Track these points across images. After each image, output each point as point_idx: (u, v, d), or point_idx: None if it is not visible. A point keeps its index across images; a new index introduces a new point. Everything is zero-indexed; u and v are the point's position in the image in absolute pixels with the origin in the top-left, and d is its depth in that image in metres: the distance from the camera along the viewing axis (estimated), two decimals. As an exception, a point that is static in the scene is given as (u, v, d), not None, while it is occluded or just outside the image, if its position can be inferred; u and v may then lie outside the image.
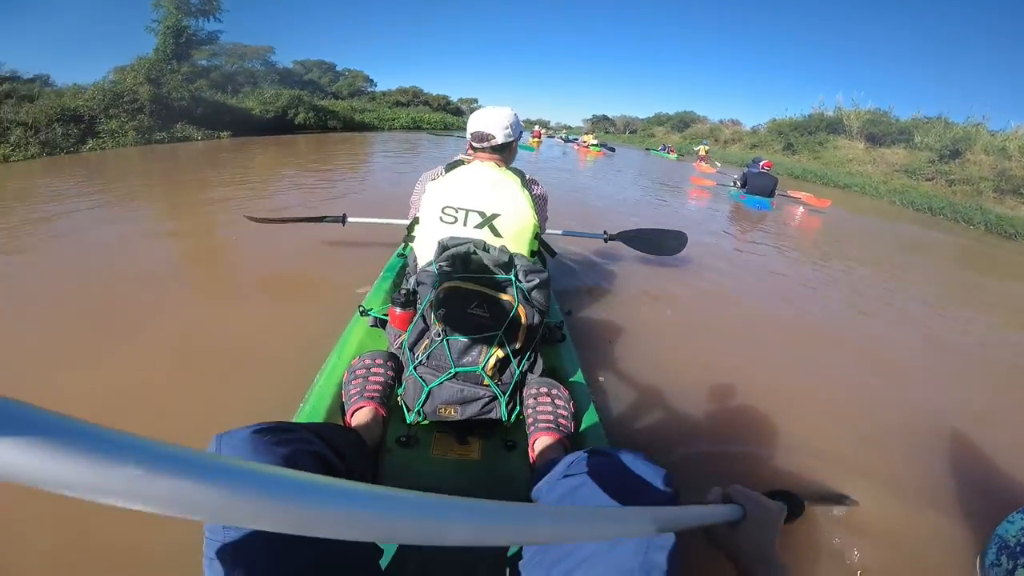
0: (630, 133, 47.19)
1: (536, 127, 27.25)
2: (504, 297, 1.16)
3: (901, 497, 1.53)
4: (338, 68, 37.16)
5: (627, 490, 0.64)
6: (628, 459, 0.69)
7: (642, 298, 2.98)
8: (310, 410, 1.16)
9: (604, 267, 3.43)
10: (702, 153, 19.60)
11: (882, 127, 22.39)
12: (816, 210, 8.34)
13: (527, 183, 1.45)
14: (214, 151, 9.41)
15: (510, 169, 1.47)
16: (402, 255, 2.17)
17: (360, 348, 1.43)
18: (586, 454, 0.74)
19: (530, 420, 1.12)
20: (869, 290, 3.95)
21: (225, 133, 12.69)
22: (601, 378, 1.94)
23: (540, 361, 1.25)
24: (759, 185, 7.90)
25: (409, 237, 1.57)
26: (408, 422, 1.14)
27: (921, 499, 1.55)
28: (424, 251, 1.39)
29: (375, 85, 38.44)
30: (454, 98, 50.33)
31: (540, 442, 1.08)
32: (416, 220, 1.47)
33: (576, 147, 21.49)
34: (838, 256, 5.11)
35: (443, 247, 1.26)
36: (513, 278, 1.19)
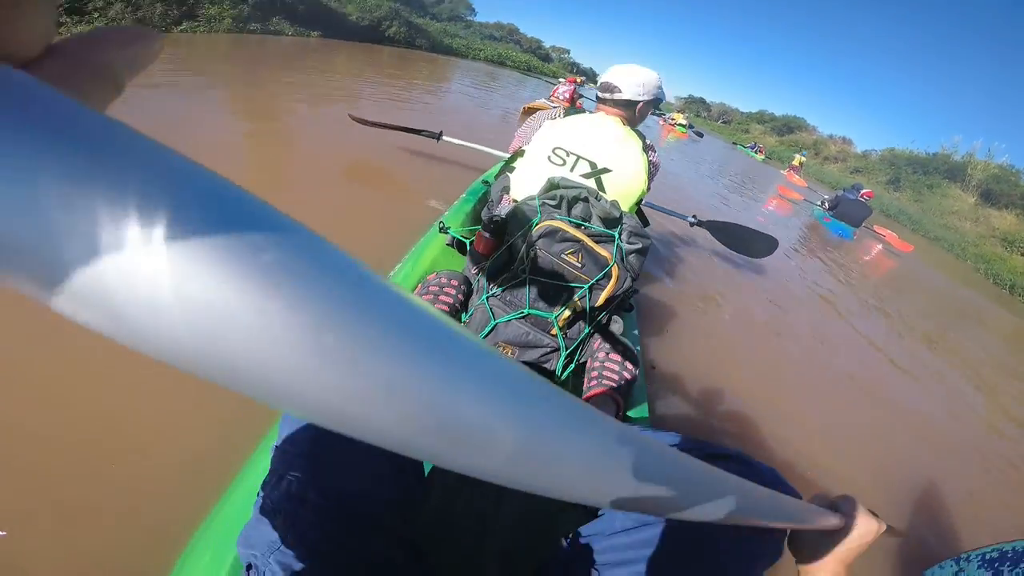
0: (723, 123, 45.29)
1: None
2: (603, 252, 1.10)
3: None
4: None
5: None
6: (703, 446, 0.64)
7: (703, 293, 2.91)
8: None
9: (676, 250, 3.38)
10: (796, 163, 18.19)
11: (1005, 186, 20.66)
12: (895, 252, 8.07)
13: (647, 147, 1.42)
14: (300, 50, 9.30)
15: (634, 130, 1.43)
16: (487, 182, 2.16)
17: (433, 264, 1.42)
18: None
19: (594, 374, 1.10)
20: (910, 345, 3.74)
21: (315, 33, 12.80)
22: (651, 359, 1.93)
23: (611, 325, 1.23)
24: (850, 212, 7.50)
25: (508, 167, 1.52)
26: None
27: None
28: (523, 185, 1.37)
29: (475, 14, 38.33)
30: (547, 44, 49.99)
31: (595, 402, 1.05)
32: (520, 152, 1.44)
33: (661, 122, 20.45)
34: (896, 304, 4.83)
35: (553, 184, 1.23)
36: (617, 235, 1.15)
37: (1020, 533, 1.24)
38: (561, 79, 13.05)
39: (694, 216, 2.95)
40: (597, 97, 1.47)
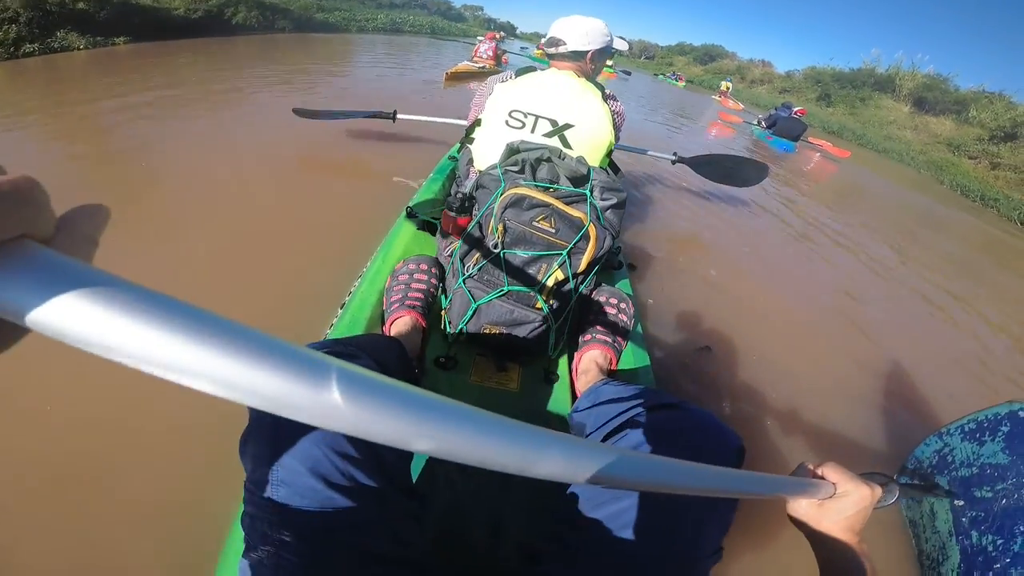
0: (647, 59, 46.47)
1: (542, 41, 26.63)
2: (575, 213, 1.09)
3: (851, 425, 1.86)
4: None
5: (690, 447, 0.66)
6: (696, 414, 0.71)
7: (686, 232, 3.18)
8: (350, 318, 1.17)
9: (650, 192, 3.59)
10: (723, 89, 20.38)
11: (936, 93, 22.43)
12: (833, 158, 9.46)
13: (607, 98, 1.44)
14: (99, 64, 6.83)
15: (591, 81, 1.45)
16: (453, 157, 2.17)
17: (406, 252, 1.42)
18: (639, 393, 0.78)
19: (587, 335, 1.15)
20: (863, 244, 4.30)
21: (121, 39, 10.08)
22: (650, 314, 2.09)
23: (600, 287, 1.26)
24: (788, 128, 8.61)
25: (468, 139, 1.54)
26: (449, 339, 1.15)
27: (859, 425, 1.87)
28: (484, 155, 1.38)
29: None
30: (456, 3, 49.36)
31: (589, 356, 1.11)
32: (478, 122, 1.46)
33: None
34: (851, 211, 5.50)
35: (512, 149, 1.24)
36: (588, 193, 1.16)
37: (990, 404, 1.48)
38: (480, 37, 12.87)
39: (674, 153, 3.08)
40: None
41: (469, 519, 0.87)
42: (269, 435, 0.54)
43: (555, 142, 1.33)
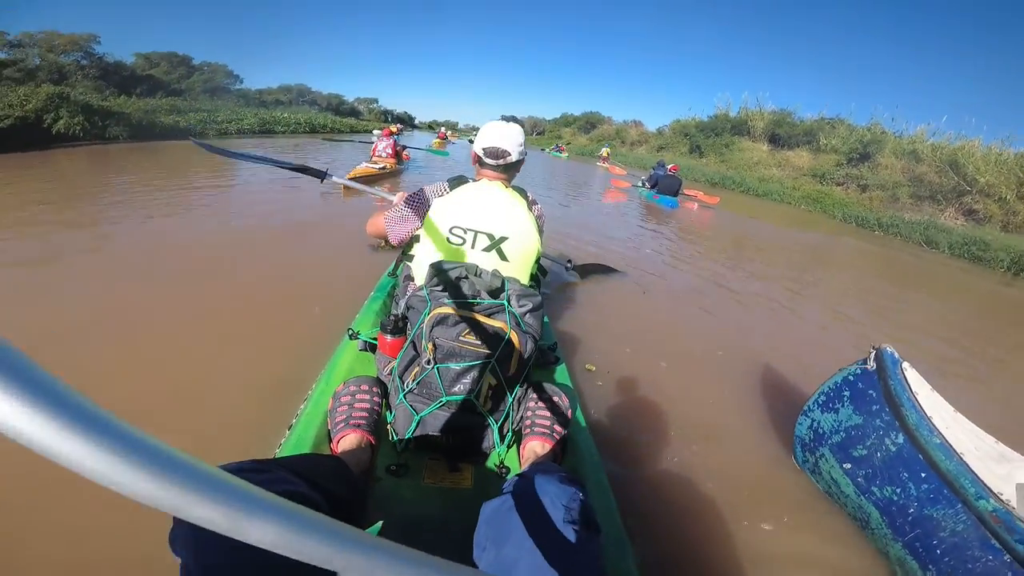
0: (538, 135, 50.49)
1: (442, 128, 27.95)
2: (496, 323, 1.27)
3: (734, 422, 2.37)
4: (195, 61, 34.20)
5: (539, 509, 0.82)
6: (541, 481, 0.87)
7: (614, 305, 3.71)
8: (296, 438, 1.28)
9: (569, 283, 4.05)
10: (604, 155, 23.45)
11: (786, 128, 25.89)
12: (707, 205, 11.41)
13: (531, 204, 1.66)
14: None
15: (515, 188, 1.67)
16: (393, 274, 2.35)
17: (350, 373, 1.53)
18: (517, 476, 0.92)
19: (528, 423, 1.29)
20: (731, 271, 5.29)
21: None
22: (589, 398, 2.33)
23: (536, 385, 1.40)
24: (668, 186, 10.31)
25: (406, 255, 1.72)
26: (398, 449, 1.27)
27: (746, 421, 2.39)
28: (422, 271, 1.52)
29: (240, 82, 36.33)
30: (349, 97, 50.34)
31: (530, 447, 1.25)
32: (416, 238, 1.65)
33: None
34: (745, 258, 6.79)
35: (435, 271, 1.41)
36: (506, 303, 1.33)
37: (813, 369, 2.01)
38: (375, 132, 12.71)
39: (568, 260, 3.67)
40: (479, 160, 1.70)
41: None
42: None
43: (493, 255, 1.52)
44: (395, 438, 1.28)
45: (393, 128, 10.08)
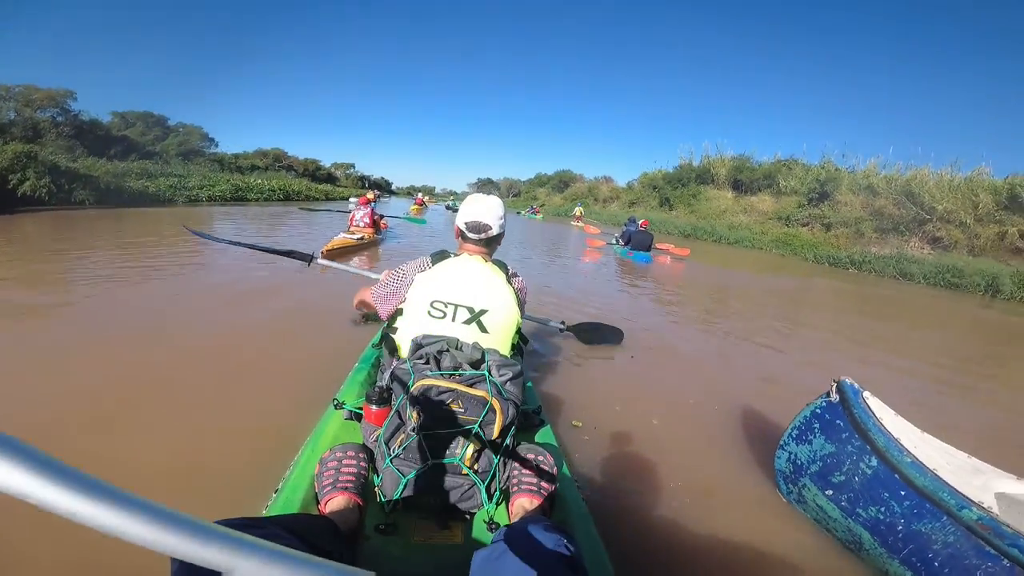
0: (513, 196, 52.09)
1: (419, 194, 28.36)
2: (478, 392, 1.34)
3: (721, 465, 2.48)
4: (170, 123, 34.62)
5: (530, 557, 0.87)
6: (531, 530, 0.93)
7: (599, 363, 3.83)
8: (283, 501, 1.34)
9: (559, 344, 4.18)
10: (577, 214, 24.11)
11: (746, 173, 26.77)
12: (679, 257, 11.91)
13: (511, 277, 1.75)
14: None
15: (495, 262, 1.76)
16: (376, 345, 2.46)
17: (335, 440, 1.61)
18: (507, 527, 1.00)
19: (515, 482, 1.36)
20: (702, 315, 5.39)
21: None
22: (577, 455, 2.40)
23: (521, 446, 1.49)
24: (640, 241, 10.74)
25: (390, 328, 1.79)
26: (387, 509, 1.33)
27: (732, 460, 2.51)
28: (406, 343, 1.61)
29: (216, 145, 36.46)
30: (326, 163, 50.44)
31: (519, 504, 1.31)
32: (400, 311, 1.74)
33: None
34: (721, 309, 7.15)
35: (417, 345, 1.51)
36: (486, 373, 1.41)
37: (799, 407, 2.05)
38: (352, 200, 12.66)
39: (562, 322, 3.74)
40: (461, 234, 1.79)
41: None
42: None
43: (473, 328, 1.60)
44: (383, 499, 1.34)
45: (370, 195, 10.12)
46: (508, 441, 1.43)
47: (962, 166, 19.08)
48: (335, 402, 1.83)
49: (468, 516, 1.38)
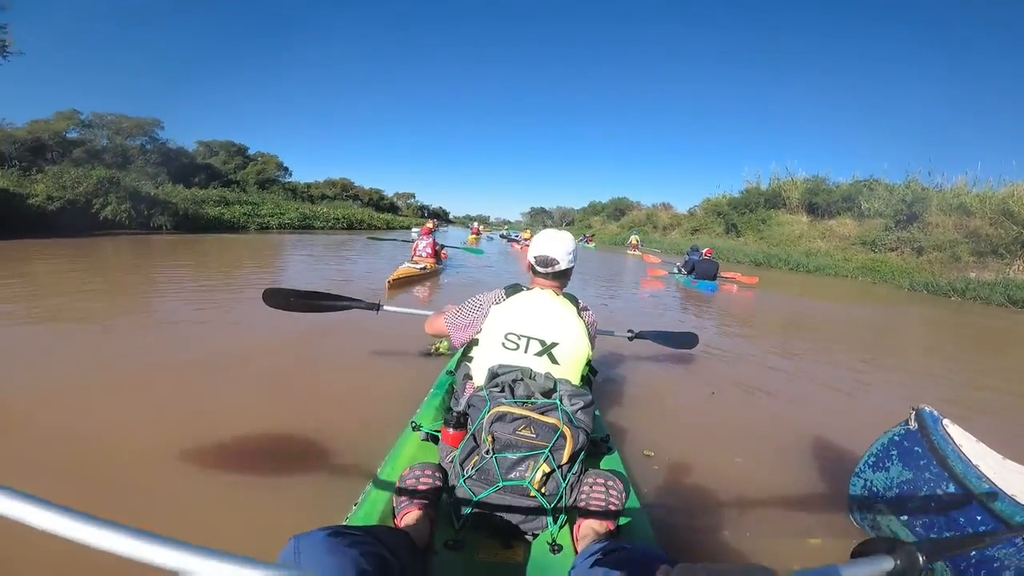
0: (567, 225, 52.06)
1: (475, 224, 29.10)
2: (550, 420, 1.45)
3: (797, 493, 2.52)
4: (250, 151, 37.50)
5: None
6: (640, 548, 1.00)
7: (667, 391, 3.91)
8: (364, 513, 1.48)
9: (625, 363, 4.32)
10: (632, 243, 23.79)
11: (822, 196, 25.53)
12: (746, 286, 11.87)
13: (581, 311, 1.84)
14: None
15: (566, 296, 1.88)
16: (451, 372, 2.61)
17: (411, 460, 1.72)
18: (605, 544, 1.09)
19: (582, 505, 1.42)
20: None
21: None
22: (646, 485, 2.45)
23: (588, 472, 1.55)
24: (705, 271, 10.70)
25: (466, 357, 1.94)
26: (456, 526, 1.42)
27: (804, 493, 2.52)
28: (481, 372, 1.74)
29: (290, 175, 39.33)
30: (388, 192, 54.21)
31: (586, 526, 1.37)
32: (475, 341, 1.89)
33: (516, 247, 22.72)
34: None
35: (493, 374, 1.65)
36: (558, 403, 1.53)
37: (875, 436, 2.08)
38: (414, 230, 13.19)
39: (630, 330, 3.68)
40: (532, 268, 1.90)
41: None
42: None
43: (544, 359, 1.71)
44: (454, 518, 1.44)
45: (430, 225, 10.50)
46: (576, 467, 1.50)
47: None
48: (413, 424, 1.99)
49: (532, 537, 1.46)
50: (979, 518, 1.58)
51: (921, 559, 0.74)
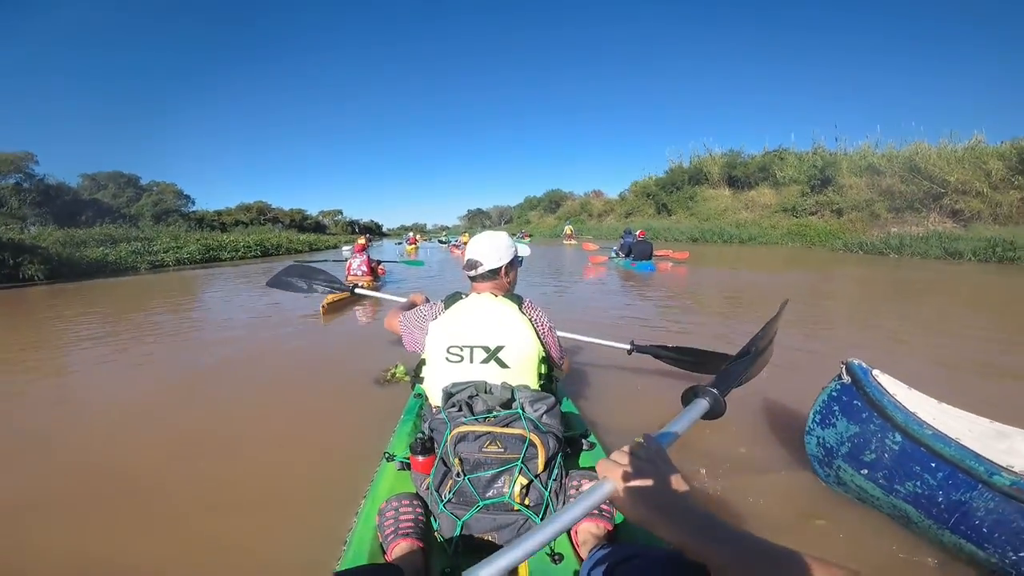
0: (506, 223, 52.74)
1: (411, 233, 28.68)
2: (515, 431, 1.42)
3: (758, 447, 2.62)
4: (143, 182, 34.57)
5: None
6: (653, 552, 1.00)
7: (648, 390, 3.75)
8: (353, 553, 1.45)
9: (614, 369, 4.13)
10: (568, 232, 24.39)
11: (740, 168, 26.92)
12: (679, 262, 12.41)
13: (525, 308, 1.80)
14: None
15: (508, 296, 1.82)
16: (419, 395, 2.46)
17: (391, 491, 1.67)
18: (609, 549, 1.09)
19: None
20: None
21: None
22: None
23: (570, 475, 1.52)
24: (641, 251, 11.31)
25: (418, 378, 1.87)
26: (449, 553, 1.39)
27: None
28: (434, 392, 1.71)
29: (193, 203, 36.60)
30: (313, 211, 51.96)
31: (584, 529, 1.35)
32: (423, 361, 1.84)
33: (456, 251, 22.18)
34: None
35: (447, 394, 1.60)
36: (520, 411, 1.49)
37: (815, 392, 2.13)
38: (345, 248, 12.81)
39: (631, 342, 3.43)
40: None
41: None
42: None
43: (492, 366, 1.68)
44: (445, 545, 1.41)
45: (362, 241, 9.80)
46: (556, 471, 1.46)
47: (958, 137, 19.16)
48: (386, 455, 1.92)
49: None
50: (933, 465, 1.63)
51: (719, 392, 1.08)
